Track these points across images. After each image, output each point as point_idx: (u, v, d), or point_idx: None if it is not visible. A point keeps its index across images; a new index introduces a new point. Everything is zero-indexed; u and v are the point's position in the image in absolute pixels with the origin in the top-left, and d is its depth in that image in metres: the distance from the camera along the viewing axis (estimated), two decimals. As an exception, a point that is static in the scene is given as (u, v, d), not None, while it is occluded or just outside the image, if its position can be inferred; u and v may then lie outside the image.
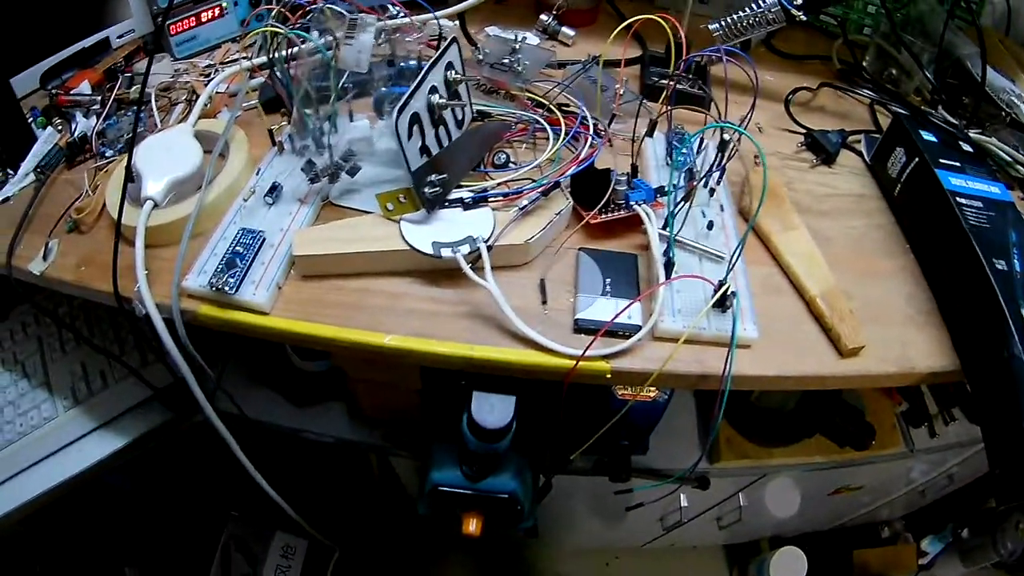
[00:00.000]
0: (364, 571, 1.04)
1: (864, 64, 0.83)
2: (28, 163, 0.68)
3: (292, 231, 0.56)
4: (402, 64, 0.60)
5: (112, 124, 0.71)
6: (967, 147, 0.72)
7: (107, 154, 0.68)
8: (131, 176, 0.59)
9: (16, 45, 0.74)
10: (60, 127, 0.72)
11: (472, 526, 0.61)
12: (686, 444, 0.76)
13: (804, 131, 0.72)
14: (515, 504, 0.60)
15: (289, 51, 0.57)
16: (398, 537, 1.05)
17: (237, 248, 0.55)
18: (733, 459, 0.76)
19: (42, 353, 0.78)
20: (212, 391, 0.62)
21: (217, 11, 0.76)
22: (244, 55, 0.71)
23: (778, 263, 0.59)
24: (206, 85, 0.69)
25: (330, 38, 0.54)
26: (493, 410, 0.52)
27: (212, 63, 0.74)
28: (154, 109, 0.70)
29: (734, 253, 0.52)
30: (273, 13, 0.57)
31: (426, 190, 0.51)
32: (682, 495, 0.88)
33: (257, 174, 0.60)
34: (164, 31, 0.75)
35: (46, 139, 0.70)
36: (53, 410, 0.75)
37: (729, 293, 0.51)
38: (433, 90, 0.55)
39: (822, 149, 0.70)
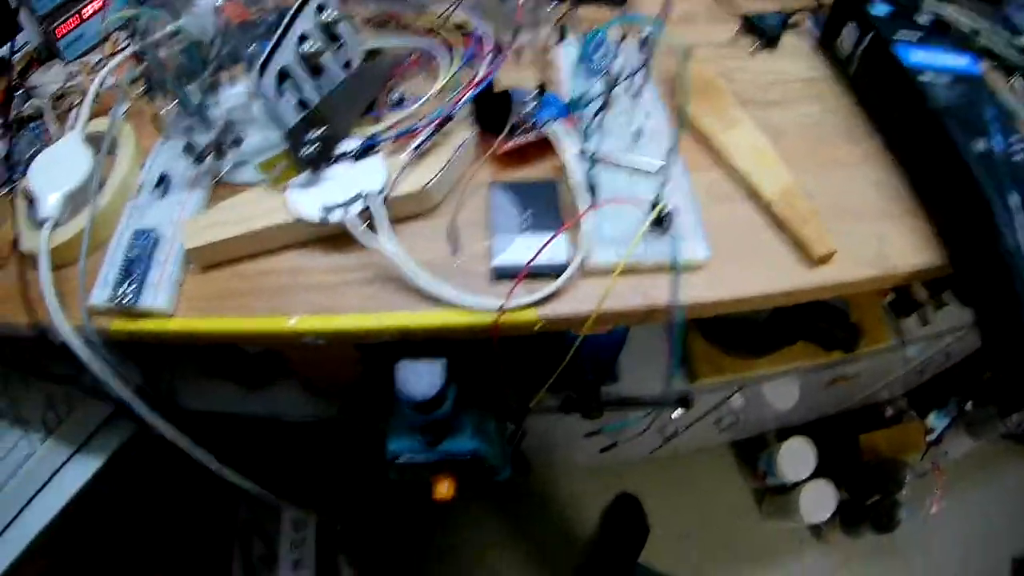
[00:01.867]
0: (372, 535, 0.98)
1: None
2: None
3: (183, 221, 0.46)
4: (265, 18, 0.48)
5: (17, 146, 0.61)
6: (925, 19, 0.58)
7: (12, 178, 0.58)
8: (30, 199, 0.50)
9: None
10: (-37, 159, 0.63)
11: (444, 489, 0.53)
12: (659, 365, 0.66)
13: (740, 16, 0.59)
14: (481, 462, 0.51)
15: (155, 34, 0.47)
16: (394, 496, 0.98)
17: (131, 253, 0.45)
18: (713, 375, 0.66)
19: (7, 393, 0.70)
20: (165, 397, 0.54)
21: (99, 3, 0.65)
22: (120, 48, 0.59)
23: (724, 167, 0.48)
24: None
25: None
26: (421, 379, 0.43)
27: (102, 58, 0.63)
28: (49, 121, 0.60)
29: (665, 165, 0.40)
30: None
31: (304, 150, 0.41)
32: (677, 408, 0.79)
33: (143, 168, 0.50)
34: (51, 35, 0.64)
35: None
36: (29, 446, 0.67)
37: (664, 212, 0.40)
38: (303, 38, 0.44)
39: (761, 32, 0.57)
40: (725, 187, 0.47)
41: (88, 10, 0.64)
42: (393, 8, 0.52)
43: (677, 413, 0.66)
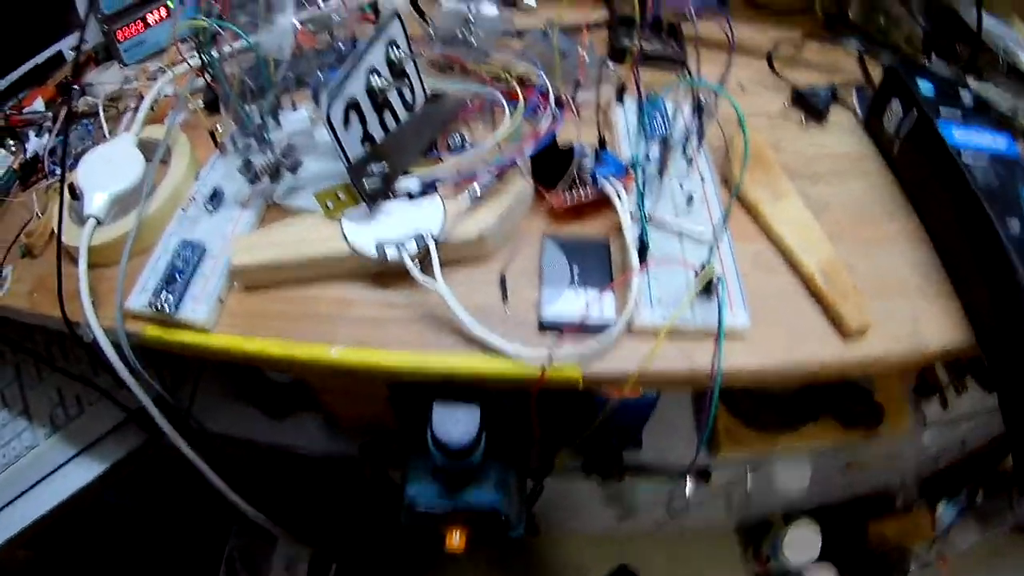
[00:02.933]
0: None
1: (849, 13, 0.72)
2: None
3: (234, 238, 0.47)
4: (340, 45, 0.50)
5: (62, 141, 0.63)
6: (967, 98, 0.60)
7: (57, 172, 0.60)
8: (75, 194, 0.52)
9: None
10: (14, 148, 0.64)
11: (455, 541, 0.53)
12: (683, 434, 0.66)
13: (790, 87, 0.61)
14: (498, 516, 0.51)
15: (222, 48, 0.49)
16: (398, 541, 0.97)
17: (176, 263, 0.46)
18: (734, 449, 0.66)
19: (20, 382, 0.71)
20: (184, 411, 0.54)
21: (164, 12, 0.67)
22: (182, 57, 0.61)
23: (769, 237, 0.49)
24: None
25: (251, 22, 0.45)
26: (457, 424, 0.43)
27: (162, 67, 0.65)
28: (103, 120, 0.62)
29: (718, 229, 0.42)
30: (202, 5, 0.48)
31: (365, 182, 0.42)
32: (688, 482, 0.79)
33: (197, 179, 0.51)
34: (112, 37, 0.66)
35: None
36: (33, 439, 0.68)
37: (715, 278, 0.42)
38: (374, 72, 0.46)
39: (811, 106, 0.60)
40: (769, 257, 0.48)
41: (152, 17, 0.67)
42: (458, 53, 0.54)
43: (690, 488, 0.66)
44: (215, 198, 0.49)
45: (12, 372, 0.71)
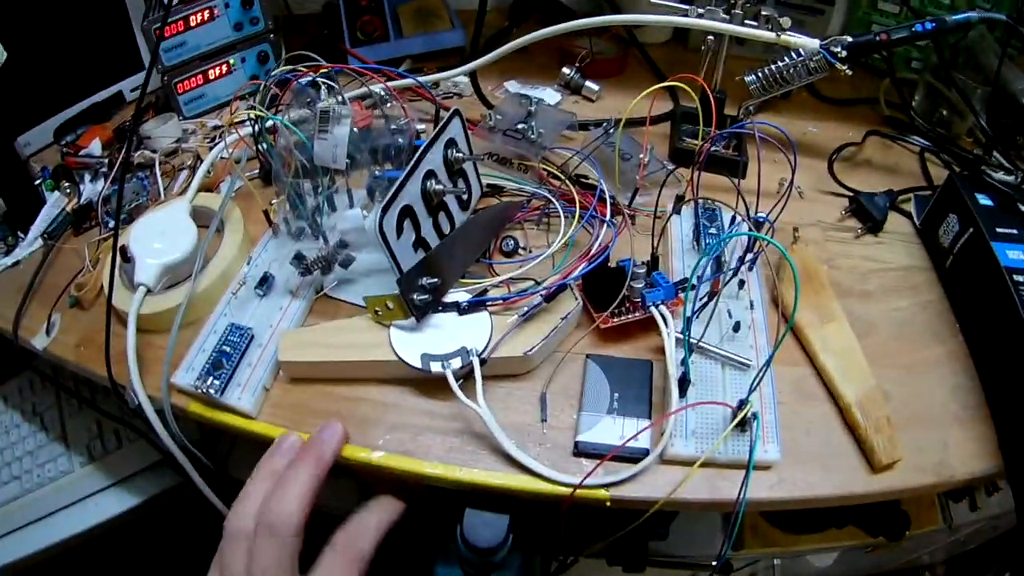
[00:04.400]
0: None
1: (913, 105, 0.72)
2: (37, 227, 0.65)
3: (281, 328, 0.49)
4: (399, 141, 0.52)
5: (118, 193, 0.65)
6: None
7: (110, 224, 0.63)
8: (127, 256, 0.54)
9: (28, 100, 0.69)
10: (68, 190, 0.67)
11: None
12: (708, 526, 0.68)
13: (849, 195, 0.61)
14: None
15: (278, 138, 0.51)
16: None
17: (224, 347, 0.48)
18: (758, 547, 0.67)
19: (60, 408, 0.74)
20: (217, 466, 0.57)
21: (225, 68, 0.70)
22: (241, 120, 0.63)
23: (813, 363, 0.50)
24: (210, 151, 0.63)
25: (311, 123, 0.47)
26: (486, 530, 0.45)
27: (220, 124, 0.68)
28: (158, 176, 0.65)
29: (760, 370, 0.43)
30: (258, 94, 0.50)
31: (415, 297, 0.44)
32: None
33: (249, 263, 0.54)
34: (173, 89, 0.69)
35: (54, 203, 0.66)
36: (69, 465, 0.72)
37: (750, 416, 0.43)
38: (430, 175, 0.48)
39: (868, 215, 0.60)
40: (810, 383, 0.49)
41: (213, 72, 0.69)
42: (518, 147, 0.55)
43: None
44: (265, 283, 0.52)
45: (53, 397, 0.75)
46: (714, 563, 0.64)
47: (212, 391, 0.46)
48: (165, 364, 0.48)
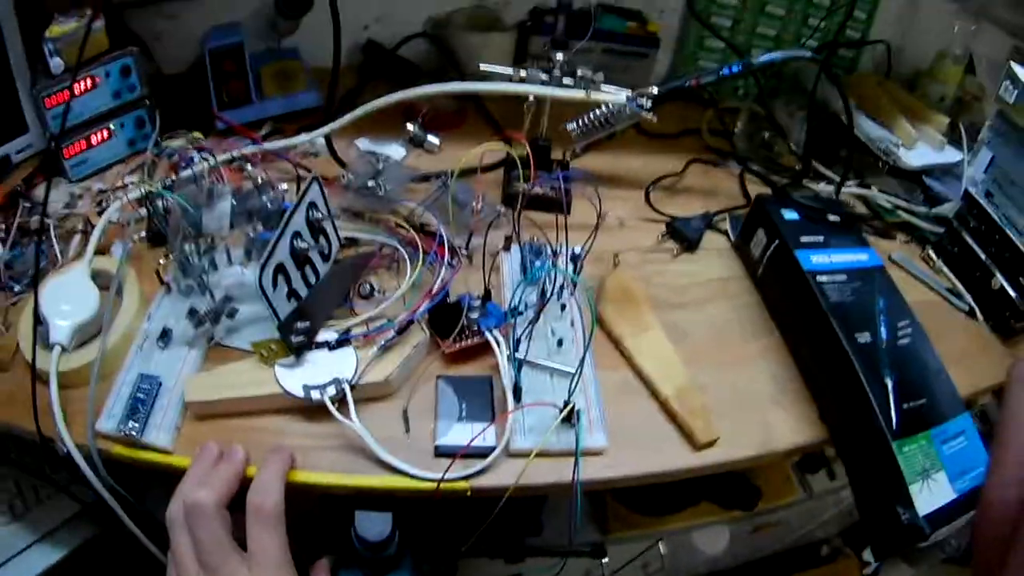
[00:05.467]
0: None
1: (735, 131, 0.98)
2: None
3: (184, 374, 0.70)
4: (268, 205, 0.74)
5: (17, 255, 0.83)
6: (834, 217, 0.86)
7: (15, 289, 0.81)
8: (38, 318, 0.74)
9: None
10: (-34, 255, 0.86)
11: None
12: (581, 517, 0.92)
13: (666, 220, 0.86)
14: (414, 597, 0.75)
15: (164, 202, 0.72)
16: None
17: (138, 394, 0.68)
18: (623, 530, 0.92)
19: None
20: (141, 508, 0.77)
21: (106, 133, 0.90)
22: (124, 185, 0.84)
23: (632, 367, 0.74)
24: (99, 214, 0.83)
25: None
26: (374, 526, 0.68)
27: (104, 188, 0.88)
28: (54, 240, 0.84)
29: (574, 375, 0.66)
30: (145, 167, 0.71)
31: (292, 338, 0.66)
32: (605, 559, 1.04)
33: (148, 320, 0.74)
34: (59, 154, 0.88)
35: None
36: None
37: (576, 412, 0.66)
38: (296, 236, 0.70)
39: (683, 236, 0.85)
40: (631, 384, 0.73)
41: (95, 137, 0.89)
42: (368, 202, 0.78)
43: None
44: (165, 336, 0.72)
45: None
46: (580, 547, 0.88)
47: (134, 432, 0.66)
48: (89, 413, 0.68)
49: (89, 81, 0.87)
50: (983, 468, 0.65)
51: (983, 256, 0.87)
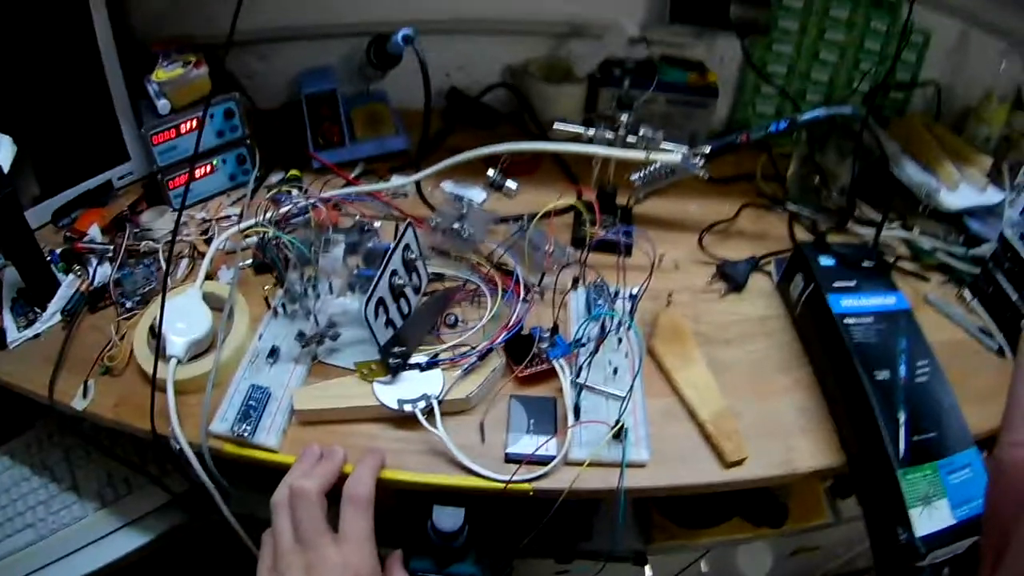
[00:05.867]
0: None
1: (787, 176, 1.16)
2: (55, 304, 1.01)
3: (291, 387, 0.90)
4: (370, 246, 0.94)
5: (127, 275, 1.04)
6: (868, 263, 1.02)
7: (127, 305, 1.02)
8: (154, 332, 0.94)
9: (31, 181, 1.06)
10: (79, 273, 1.05)
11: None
12: (627, 526, 1.11)
13: (717, 263, 1.05)
14: (476, 587, 0.95)
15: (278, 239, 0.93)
16: None
17: (250, 401, 0.88)
18: (665, 540, 1.11)
19: (68, 461, 1.11)
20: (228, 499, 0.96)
21: (209, 168, 1.11)
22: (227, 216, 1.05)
23: (677, 395, 0.92)
24: (205, 242, 1.04)
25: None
26: (449, 519, 0.86)
27: (208, 218, 1.09)
28: (162, 263, 1.05)
29: (624, 399, 0.85)
30: (267, 215, 0.92)
31: (390, 361, 0.86)
32: (647, 569, 1.23)
33: (259, 338, 0.94)
34: (164, 186, 1.10)
35: (69, 284, 1.03)
36: (82, 511, 1.08)
37: (624, 430, 0.85)
38: (394, 273, 0.90)
39: (731, 279, 1.03)
40: (675, 409, 0.92)
41: (199, 171, 1.10)
42: (454, 243, 0.98)
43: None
44: (273, 354, 0.92)
45: (61, 453, 1.12)
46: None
47: (246, 434, 0.86)
48: (203, 416, 0.88)
49: (194, 122, 1.08)
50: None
51: (1014, 296, 1.00)
